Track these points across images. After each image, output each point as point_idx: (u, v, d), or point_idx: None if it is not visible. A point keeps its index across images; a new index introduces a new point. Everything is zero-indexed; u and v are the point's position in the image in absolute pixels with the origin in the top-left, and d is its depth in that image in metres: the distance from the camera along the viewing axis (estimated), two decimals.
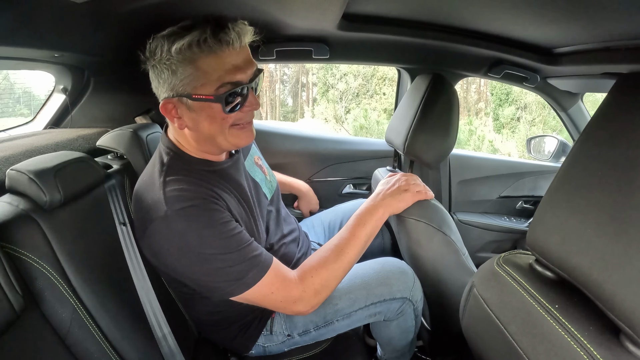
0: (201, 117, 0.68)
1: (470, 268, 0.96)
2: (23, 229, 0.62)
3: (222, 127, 0.69)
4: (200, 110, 0.67)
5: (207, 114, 0.67)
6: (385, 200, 0.88)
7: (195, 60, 0.63)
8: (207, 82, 0.65)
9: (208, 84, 0.65)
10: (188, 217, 0.65)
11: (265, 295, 0.70)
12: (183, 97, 0.66)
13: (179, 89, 0.66)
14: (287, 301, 0.71)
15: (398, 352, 1.02)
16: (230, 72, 0.65)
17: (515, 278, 0.55)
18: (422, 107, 0.98)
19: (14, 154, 0.85)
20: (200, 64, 0.64)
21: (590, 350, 0.42)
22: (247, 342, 0.89)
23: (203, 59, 0.63)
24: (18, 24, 0.70)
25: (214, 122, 0.68)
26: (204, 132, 0.70)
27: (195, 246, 0.65)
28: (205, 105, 0.66)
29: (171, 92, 0.67)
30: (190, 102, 0.66)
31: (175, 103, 0.68)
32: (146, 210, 0.67)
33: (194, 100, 0.66)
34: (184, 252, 0.65)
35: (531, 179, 1.65)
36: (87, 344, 0.65)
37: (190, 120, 0.69)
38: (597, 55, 0.92)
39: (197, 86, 0.65)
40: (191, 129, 0.71)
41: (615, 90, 0.47)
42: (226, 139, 0.72)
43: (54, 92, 1.22)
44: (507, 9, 0.84)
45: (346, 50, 1.29)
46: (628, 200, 0.40)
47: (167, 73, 0.65)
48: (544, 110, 11.86)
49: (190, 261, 0.66)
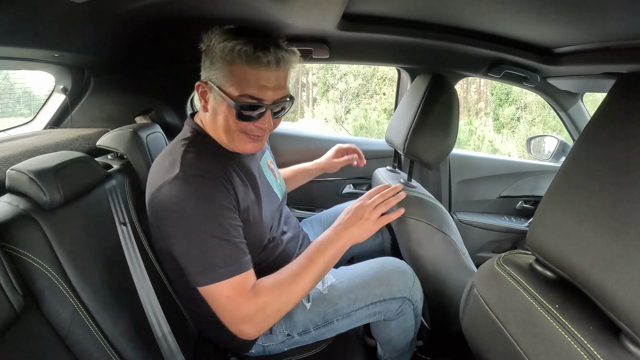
0: (219, 110, 0.75)
1: (470, 268, 0.96)
2: (23, 229, 0.62)
3: (232, 129, 0.75)
4: (221, 104, 0.74)
5: (223, 111, 0.74)
6: (348, 231, 0.83)
7: (232, 63, 0.70)
8: (234, 85, 0.71)
9: (234, 87, 0.71)
10: (195, 184, 0.69)
11: (221, 297, 0.68)
12: (214, 86, 0.73)
13: (213, 79, 0.73)
14: (236, 316, 0.69)
15: (398, 352, 1.02)
16: (256, 87, 0.70)
17: (516, 278, 0.55)
18: (422, 107, 0.98)
19: (14, 154, 0.85)
20: (234, 68, 0.70)
21: (590, 350, 0.42)
22: (247, 341, 0.89)
23: (238, 65, 0.69)
24: (18, 24, 0.70)
25: (226, 120, 0.74)
26: (218, 123, 0.76)
27: (190, 215, 0.67)
28: (224, 103, 0.73)
29: (206, 78, 0.75)
30: (216, 94, 0.74)
31: (207, 88, 0.76)
32: (161, 173, 0.72)
33: (219, 94, 0.73)
34: (178, 218, 0.68)
35: (531, 179, 1.65)
36: (87, 344, 0.65)
37: (212, 108, 0.76)
38: (597, 55, 0.92)
39: (226, 84, 0.72)
40: (211, 114, 0.77)
41: (615, 90, 0.47)
42: (233, 140, 0.77)
43: (54, 92, 1.22)
44: (507, 9, 0.84)
45: (346, 50, 1.29)
46: (628, 200, 0.40)
47: (209, 62, 0.73)
48: (544, 110, 11.86)
49: (179, 229, 0.68)
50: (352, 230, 0.82)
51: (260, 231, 0.83)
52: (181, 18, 0.94)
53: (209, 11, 0.91)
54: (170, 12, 0.89)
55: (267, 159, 1.02)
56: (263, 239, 0.85)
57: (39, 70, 1.13)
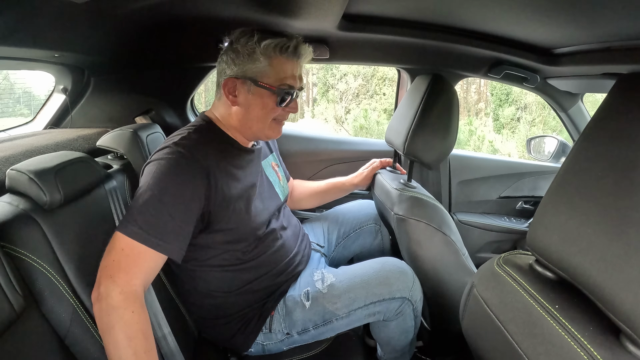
0: (256, 102, 0.82)
1: (470, 268, 0.96)
2: (23, 229, 0.62)
3: (267, 117, 0.84)
4: (258, 96, 0.82)
5: (262, 101, 0.82)
6: None
7: (272, 58, 0.80)
8: (273, 77, 0.81)
9: (273, 79, 0.81)
10: (176, 156, 0.74)
11: (118, 249, 0.66)
12: (248, 80, 0.81)
13: (249, 73, 0.81)
14: (109, 271, 0.64)
15: (398, 353, 1.02)
16: (291, 77, 0.83)
17: (516, 278, 0.55)
18: (422, 108, 0.98)
19: (14, 154, 0.85)
20: (275, 62, 0.80)
21: (590, 350, 0.42)
22: (247, 339, 0.89)
23: (278, 59, 0.81)
24: (18, 24, 0.70)
25: (264, 109, 0.83)
26: (252, 114, 0.84)
27: (159, 177, 0.71)
28: (264, 93, 0.82)
29: (240, 72, 0.81)
30: (253, 87, 0.81)
31: (238, 83, 0.82)
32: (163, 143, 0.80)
33: (258, 86, 0.81)
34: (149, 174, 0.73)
35: (531, 179, 1.65)
36: (87, 344, 0.65)
37: (246, 100, 0.83)
38: (597, 55, 0.92)
39: (264, 77, 0.81)
40: (242, 107, 0.84)
41: (615, 91, 0.47)
42: (264, 128, 0.86)
43: (54, 92, 1.22)
44: (507, 9, 0.84)
45: (346, 51, 1.29)
46: (628, 201, 0.40)
47: (246, 58, 0.80)
48: (544, 110, 11.85)
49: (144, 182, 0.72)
50: None
51: (251, 220, 0.84)
52: (181, 18, 0.94)
53: (209, 11, 0.92)
54: (170, 12, 0.89)
55: (272, 161, 1.05)
56: (257, 228, 0.86)
57: (39, 70, 1.13)
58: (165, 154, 0.75)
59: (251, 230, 0.85)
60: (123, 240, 0.67)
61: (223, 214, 0.79)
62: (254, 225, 0.86)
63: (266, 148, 1.06)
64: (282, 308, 0.90)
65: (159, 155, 0.76)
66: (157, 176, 0.71)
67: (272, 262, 0.90)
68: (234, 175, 0.83)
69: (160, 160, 0.74)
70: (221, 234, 0.81)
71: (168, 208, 0.70)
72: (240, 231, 0.83)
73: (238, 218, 0.82)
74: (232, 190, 0.81)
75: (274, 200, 0.97)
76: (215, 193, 0.77)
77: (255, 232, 0.86)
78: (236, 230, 0.83)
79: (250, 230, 0.85)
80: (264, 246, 0.88)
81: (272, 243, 0.90)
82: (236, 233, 0.83)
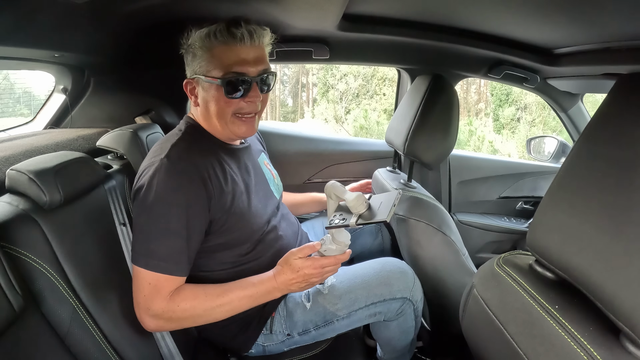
0: (209, 97, 0.78)
1: (470, 268, 0.96)
2: (23, 229, 0.62)
3: (224, 111, 0.78)
4: (209, 90, 0.78)
5: (213, 95, 0.77)
6: (289, 288, 0.82)
7: (211, 48, 0.75)
8: (217, 67, 0.75)
9: (218, 69, 0.75)
10: (172, 172, 0.72)
11: (144, 282, 0.71)
12: (199, 77, 0.77)
13: (197, 70, 0.77)
14: (146, 304, 0.71)
15: (398, 353, 1.02)
16: (238, 63, 0.75)
17: (515, 279, 0.55)
18: (422, 108, 0.98)
19: (14, 154, 0.85)
20: (215, 51, 0.75)
21: (590, 350, 0.42)
22: (247, 341, 0.89)
23: (217, 47, 0.75)
24: (18, 24, 0.70)
25: (217, 104, 0.78)
26: (210, 111, 0.79)
27: (157, 199, 0.70)
28: (212, 87, 0.77)
29: (192, 73, 0.79)
30: (203, 83, 0.77)
31: (194, 83, 0.80)
32: (149, 157, 0.77)
33: (205, 80, 0.77)
34: (145, 197, 0.71)
35: (531, 179, 1.65)
36: (87, 344, 0.65)
37: (202, 99, 0.80)
38: (597, 55, 0.92)
39: (209, 70, 0.76)
40: (202, 107, 0.81)
41: (615, 91, 0.47)
42: (227, 125, 0.80)
43: (54, 92, 1.22)
44: (507, 10, 0.85)
45: (346, 51, 1.29)
46: (628, 200, 0.40)
47: (191, 57, 0.78)
48: (544, 110, 11.86)
49: (143, 208, 0.71)
50: (291, 288, 0.81)
51: (251, 221, 0.83)
52: (181, 18, 0.94)
53: (209, 11, 0.92)
54: (169, 12, 0.89)
55: (264, 160, 1.03)
56: (256, 229, 0.85)
57: (39, 70, 1.13)
58: (160, 170, 0.72)
59: (252, 232, 0.85)
60: (147, 275, 0.70)
61: (224, 217, 0.78)
62: (255, 227, 0.85)
63: (259, 145, 1.06)
64: (283, 309, 0.90)
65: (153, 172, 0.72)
66: (160, 200, 0.70)
67: (272, 262, 0.90)
68: (229, 177, 0.81)
69: (157, 179, 0.71)
70: (223, 237, 0.81)
71: (180, 232, 0.71)
72: (242, 233, 0.82)
73: (239, 219, 0.81)
74: (227, 193, 0.79)
75: (270, 199, 0.96)
76: (215, 198, 0.76)
77: (256, 233, 0.86)
78: (238, 233, 0.82)
79: (251, 232, 0.84)
80: (264, 246, 0.88)
81: (272, 243, 0.90)
82: (237, 235, 0.82)
